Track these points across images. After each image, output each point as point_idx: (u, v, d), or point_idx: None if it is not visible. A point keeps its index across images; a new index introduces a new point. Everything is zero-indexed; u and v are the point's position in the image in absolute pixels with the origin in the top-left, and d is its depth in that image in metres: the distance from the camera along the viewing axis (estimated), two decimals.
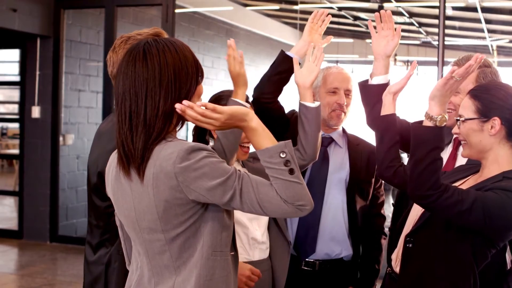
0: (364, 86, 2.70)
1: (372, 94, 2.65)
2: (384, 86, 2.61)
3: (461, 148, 2.68)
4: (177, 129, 1.86)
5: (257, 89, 2.88)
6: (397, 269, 2.33)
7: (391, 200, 8.98)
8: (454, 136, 2.70)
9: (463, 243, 2.15)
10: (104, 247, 2.47)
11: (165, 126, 1.76)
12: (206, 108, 1.76)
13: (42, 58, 7.68)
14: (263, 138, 1.80)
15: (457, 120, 2.24)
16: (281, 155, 1.75)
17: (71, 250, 7.42)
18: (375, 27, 2.71)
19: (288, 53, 2.78)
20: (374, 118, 2.64)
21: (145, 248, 1.84)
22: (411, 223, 2.35)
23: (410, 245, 2.26)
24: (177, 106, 1.75)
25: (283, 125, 2.98)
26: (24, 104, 7.82)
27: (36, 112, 7.68)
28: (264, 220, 2.64)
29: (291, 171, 1.73)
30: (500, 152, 2.21)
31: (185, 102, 1.75)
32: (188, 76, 1.80)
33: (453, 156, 2.70)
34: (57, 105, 7.68)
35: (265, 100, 2.86)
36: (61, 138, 7.76)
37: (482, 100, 2.20)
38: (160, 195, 1.74)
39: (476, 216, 2.06)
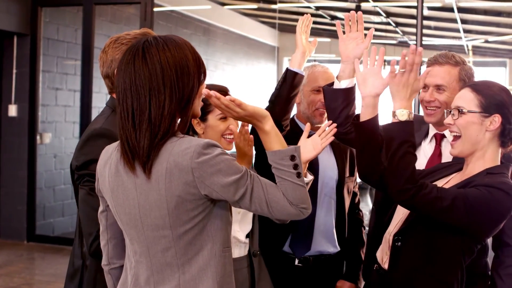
0: (330, 90, 2.66)
1: (340, 99, 2.62)
2: (350, 90, 2.61)
3: (444, 145, 2.72)
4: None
5: (280, 113, 2.83)
6: (385, 265, 2.36)
7: (368, 200, 9.05)
8: (434, 132, 2.74)
9: (453, 240, 2.19)
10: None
11: (170, 126, 1.77)
12: (234, 102, 1.88)
13: (19, 56, 7.62)
14: (275, 141, 1.89)
15: (458, 111, 2.25)
16: (291, 158, 1.83)
17: (49, 249, 7.38)
18: (343, 27, 2.68)
19: (297, 70, 2.78)
20: (342, 123, 2.63)
21: (146, 246, 1.83)
22: (397, 221, 2.38)
23: (399, 243, 2.28)
24: (204, 91, 1.85)
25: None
26: (1, 102, 7.75)
27: (13, 110, 7.62)
28: (248, 224, 2.65)
29: (299, 175, 1.82)
30: (489, 149, 2.25)
31: (212, 92, 1.87)
32: (190, 76, 1.80)
33: (438, 153, 2.72)
34: (34, 104, 7.62)
35: (286, 122, 2.90)
36: (38, 137, 7.70)
37: (485, 95, 2.23)
38: (172, 191, 1.75)
39: (458, 213, 2.10)
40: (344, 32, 2.69)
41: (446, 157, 2.68)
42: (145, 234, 1.83)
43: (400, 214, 2.38)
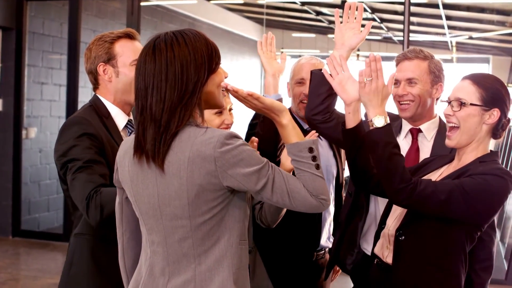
0: (319, 75, 2.64)
1: (327, 86, 2.61)
2: None
3: (420, 140, 2.75)
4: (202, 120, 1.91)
5: (270, 145, 2.84)
6: (387, 260, 2.38)
7: None
8: (409, 127, 2.78)
9: (457, 230, 2.23)
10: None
11: (171, 118, 1.80)
12: (251, 96, 1.93)
13: (5, 50, 7.57)
14: (292, 134, 1.93)
15: (461, 103, 2.28)
16: (310, 150, 1.87)
17: (34, 244, 7.35)
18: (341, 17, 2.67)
19: (274, 96, 2.81)
20: (322, 111, 2.65)
21: (164, 235, 1.85)
22: (396, 217, 2.40)
23: (403, 237, 2.31)
24: (222, 84, 1.91)
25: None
26: None
27: None
28: None
29: (317, 166, 1.86)
30: (484, 141, 2.30)
31: (229, 87, 1.93)
32: (197, 67, 1.83)
33: (415, 148, 2.76)
34: (20, 98, 7.58)
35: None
36: (23, 132, 7.67)
37: (487, 89, 2.27)
38: (194, 180, 1.78)
39: (457, 205, 2.14)
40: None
41: (424, 152, 2.73)
42: (163, 224, 1.85)
43: (399, 209, 2.41)
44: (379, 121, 2.22)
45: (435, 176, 2.39)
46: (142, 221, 1.93)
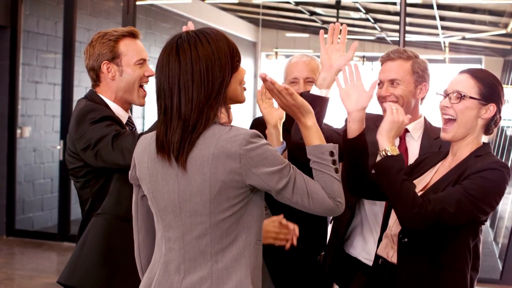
0: (310, 97, 2.56)
1: (318, 107, 2.55)
2: (327, 100, 2.60)
3: (408, 140, 2.77)
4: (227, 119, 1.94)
5: None
6: (392, 259, 2.38)
7: None
8: None
9: (460, 229, 2.24)
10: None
11: (199, 118, 1.82)
12: (287, 91, 1.96)
13: None
14: (315, 137, 1.97)
15: (460, 96, 2.29)
16: (331, 154, 1.91)
17: (29, 244, 7.33)
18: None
19: (278, 148, 2.68)
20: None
21: (182, 232, 1.86)
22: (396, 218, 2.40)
23: (406, 239, 2.32)
24: (261, 75, 1.95)
25: None
26: None
27: None
28: None
29: (336, 170, 1.90)
30: (478, 136, 2.33)
31: (268, 78, 1.96)
32: (222, 67, 1.85)
33: (404, 149, 2.76)
34: (14, 97, 7.56)
35: None
36: (18, 131, 7.64)
37: (485, 84, 2.29)
38: (218, 176, 1.79)
39: (467, 212, 2.16)
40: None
41: (412, 152, 2.75)
42: (182, 220, 1.86)
43: None
44: (393, 150, 2.26)
45: (431, 174, 2.41)
46: (158, 218, 1.93)
